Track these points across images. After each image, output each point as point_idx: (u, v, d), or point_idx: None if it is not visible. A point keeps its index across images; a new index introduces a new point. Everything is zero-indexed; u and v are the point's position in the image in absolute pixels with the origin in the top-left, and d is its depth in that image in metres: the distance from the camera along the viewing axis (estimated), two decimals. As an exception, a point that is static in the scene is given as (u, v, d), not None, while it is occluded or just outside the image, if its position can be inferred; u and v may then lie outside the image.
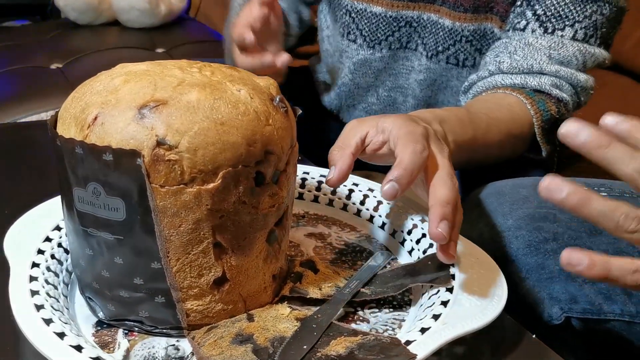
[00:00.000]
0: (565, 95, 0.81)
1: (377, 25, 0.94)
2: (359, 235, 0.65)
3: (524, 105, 0.79)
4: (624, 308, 0.59)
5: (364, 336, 0.47)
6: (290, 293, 0.53)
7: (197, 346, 0.47)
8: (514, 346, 0.52)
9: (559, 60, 0.81)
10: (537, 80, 0.80)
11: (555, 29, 0.81)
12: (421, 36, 0.93)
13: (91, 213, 0.46)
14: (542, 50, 0.80)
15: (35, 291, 0.49)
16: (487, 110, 0.77)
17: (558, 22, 0.81)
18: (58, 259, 0.55)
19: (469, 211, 0.63)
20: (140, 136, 0.44)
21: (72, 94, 0.50)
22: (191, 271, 0.48)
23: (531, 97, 0.80)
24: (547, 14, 0.81)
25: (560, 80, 0.81)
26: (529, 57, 0.81)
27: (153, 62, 0.52)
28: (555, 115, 0.80)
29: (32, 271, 0.51)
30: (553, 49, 0.80)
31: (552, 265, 0.61)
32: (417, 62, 0.96)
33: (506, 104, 0.80)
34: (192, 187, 0.45)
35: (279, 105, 0.50)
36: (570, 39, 0.81)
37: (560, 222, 0.64)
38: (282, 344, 0.46)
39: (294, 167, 0.54)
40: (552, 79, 0.80)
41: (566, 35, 0.81)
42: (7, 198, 0.71)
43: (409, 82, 0.98)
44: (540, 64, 0.80)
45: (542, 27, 0.81)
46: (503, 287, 0.52)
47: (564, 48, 0.80)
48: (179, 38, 1.87)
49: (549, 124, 0.80)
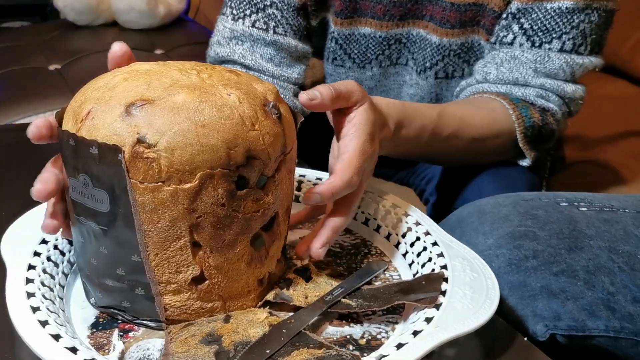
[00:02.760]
0: (551, 105, 0.81)
1: (366, 47, 0.93)
2: (354, 238, 0.66)
3: (506, 110, 0.80)
4: (608, 324, 0.58)
5: (327, 350, 0.46)
6: (274, 299, 0.54)
7: (169, 341, 0.48)
8: (506, 348, 0.52)
9: (545, 74, 0.80)
10: (522, 91, 0.81)
11: (542, 42, 0.80)
12: (411, 51, 0.92)
13: (81, 202, 0.49)
14: (527, 64, 0.81)
15: (32, 293, 0.49)
16: (462, 114, 0.78)
17: (545, 35, 0.80)
18: (54, 261, 0.55)
19: (451, 231, 0.63)
20: (123, 132, 0.46)
21: (81, 88, 0.52)
22: (169, 267, 0.49)
23: (514, 103, 0.80)
24: (533, 28, 0.80)
25: (547, 92, 0.81)
26: (514, 70, 0.81)
27: (159, 62, 0.53)
28: (538, 122, 0.80)
29: (28, 273, 0.52)
30: (539, 63, 0.80)
31: (533, 282, 0.61)
32: (408, 76, 0.95)
33: (488, 108, 0.81)
34: (169, 186, 0.46)
35: (271, 111, 0.50)
36: (557, 51, 0.80)
37: (540, 239, 0.64)
38: (244, 349, 0.47)
39: (289, 173, 0.54)
40: (537, 91, 0.81)
41: (554, 47, 0.80)
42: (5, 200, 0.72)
43: (401, 97, 0.97)
44: (525, 77, 0.81)
45: (529, 41, 0.81)
46: (495, 290, 0.52)
47: (550, 61, 0.80)
48: (178, 39, 1.88)
49: (533, 132, 0.81)
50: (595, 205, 0.70)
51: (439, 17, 0.88)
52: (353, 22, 0.92)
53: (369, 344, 0.51)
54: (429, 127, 0.72)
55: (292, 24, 0.88)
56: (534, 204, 0.70)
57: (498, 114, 0.80)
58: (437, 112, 0.75)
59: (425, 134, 0.72)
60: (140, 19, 1.86)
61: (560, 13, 0.79)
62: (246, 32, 0.87)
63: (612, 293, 0.60)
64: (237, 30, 0.87)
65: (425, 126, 0.72)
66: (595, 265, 0.62)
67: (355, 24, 0.92)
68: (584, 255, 0.62)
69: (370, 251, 0.63)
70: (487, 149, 0.81)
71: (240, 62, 0.87)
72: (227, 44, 0.88)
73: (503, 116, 0.80)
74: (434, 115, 0.74)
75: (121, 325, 0.52)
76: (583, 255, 0.62)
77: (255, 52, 0.87)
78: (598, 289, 0.60)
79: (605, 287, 0.60)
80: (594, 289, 0.60)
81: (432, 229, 0.61)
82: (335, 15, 0.92)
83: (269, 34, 0.87)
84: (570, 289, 0.60)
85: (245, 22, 0.87)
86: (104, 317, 0.52)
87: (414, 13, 0.90)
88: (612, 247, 0.63)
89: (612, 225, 0.66)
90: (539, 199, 0.71)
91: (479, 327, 0.48)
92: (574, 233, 0.65)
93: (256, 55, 0.87)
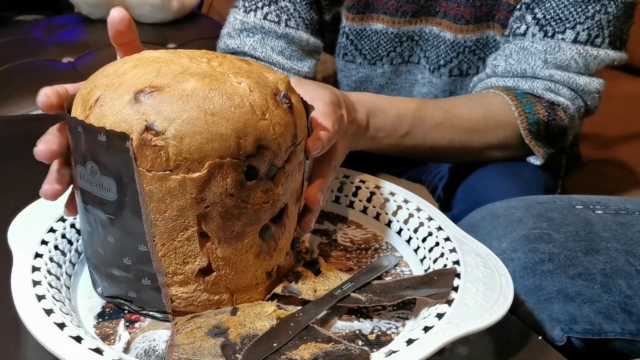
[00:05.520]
0: (561, 98, 0.79)
1: (377, 43, 0.91)
2: (365, 232, 0.65)
3: (508, 105, 0.78)
4: (624, 327, 0.57)
5: (335, 344, 0.45)
6: (282, 292, 0.53)
7: (174, 332, 0.47)
8: (520, 348, 0.51)
9: (555, 64, 0.78)
10: (529, 84, 0.79)
11: (555, 32, 0.78)
12: (423, 49, 0.91)
13: (89, 191, 0.48)
14: (537, 54, 0.79)
15: (37, 281, 0.49)
16: (447, 105, 0.77)
17: (558, 25, 0.78)
18: (61, 250, 0.55)
19: None
20: (131, 120, 0.45)
21: (91, 76, 0.51)
22: (176, 257, 0.48)
23: (518, 99, 0.78)
24: (546, 17, 0.78)
25: (556, 84, 0.79)
26: (522, 62, 0.79)
27: (169, 50, 0.53)
28: (544, 118, 0.78)
29: (34, 261, 0.51)
30: (549, 53, 0.78)
31: (549, 286, 0.60)
32: (420, 75, 0.93)
33: (483, 101, 0.79)
34: (177, 175, 0.45)
35: (282, 101, 0.49)
36: (571, 42, 0.78)
37: (555, 242, 0.63)
38: (251, 342, 0.46)
39: (299, 165, 0.53)
40: (545, 83, 0.79)
41: (567, 38, 0.78)
42: (15, 189, 0.72)
43: (413, 95, 0.95)
44: (533, 69, 0.79)
45: (542, 31, 0.79)
46: (509, 287, 0.51)
47: (561, 52, 0.78)
48: (190, 34, 1.88)
49: (539, 127, 0.79)
50: (611, 208, 0.69)
51: (453, 13, 0.86)
52: (365, 18, 0.91)
53: (379, 339, 0.50)
54: (407, 116, 0.73)
55: (305, 18, 0.87)
56: (548, 206, 0.69)
57: (494, 107, 0.79)
58: (416, 104, 0.75)
59: (404, 125, 0.72)
60: (153, 12, 1.87)
61: (574, 2, 0.78)
62: (257, 25, 0.86)
63: (629, 296, 0.59)
64: (249, 22, 0.86)
65: (402, 115, 0.72)
66: (612, 268, 0.60)
67: (367, 20, 0.91)
68: (600, 258, 0.61)
69: (381, 246, 0.62)
70: (487, 143, 0.79)
71: (250, 54, 0.86)
72: (237, 35, 0.87)
73: (500, 109, 0.78)
74: (411, 105, 0.74)
75: (127, 316, 0.51)
76: (600, 258, 0.61)
77: (266, 44, 0.86)
78: (615, 292, 0.59)
79: (622, 290, 0.59)
80: (611, 292, 0.59)
81: (444, 224, 0.60)
82: (347, 10, 0.91)
83: (281, 27, 0.86)
84: (587, 292, 0.59)
85: (257, 14, 0.86)
86: (110, 307, 0.52)
87: (427, 10, 0.89)
88: (629, 250, 0.62)
89: (628, 228, 0.65)
90: (553, 201, 0.70)
91: (492, 324, 0.47)
92: (590, 236, 0.64)
93: (267, 47, 0.86)
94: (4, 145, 0.89)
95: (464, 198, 0.85)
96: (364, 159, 0.70)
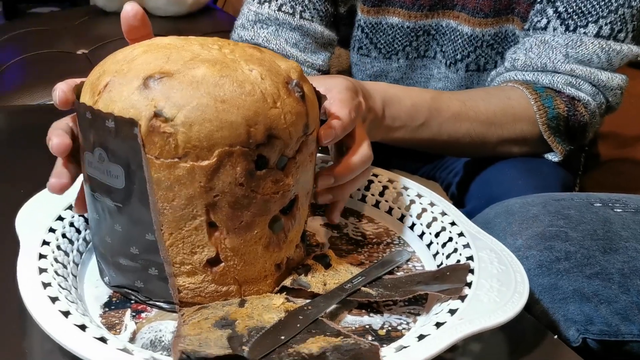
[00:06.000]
0: (582, 94, 0.76)
1: (393, 37, 0.90)
2: (377, 227, 0.63)
3: (527, 99, 0.76)
4: None
5: (345, 338, 0.44)
6: (292, 285, 0.52)
7: (181, 323, 0.46)
8: (534, 346, 0.50)
9: (576, 59, 0.76)
10: (550, 79, 0.77)
11: (577, 26, 0.76)
12: (440, 43, 0.89)
13: (97, 178, 0.47)
14: (558, 48, 0.76)
15: (44, 269, 0.48)
16: (464, 97, 0.76)
17: (580, 18, 0.76)
18: (69, 239, 0.54)
19: None
20: (140, 106, 0.44)
21: (101, 62, 0.51)
22: (184, 247, 0.47)
23: (537, 93, 0.76)
24: (568, 11, 0.76)
25: (577, 79, 0.76)
26: (543, 55, 0.77)
27: (180, 37, 0.52)
28: (563, 113, 0.76)
29: (41, 249, 0.50)
30: (570, 47, 0.76)
31: (565, 285, 0.58)
32: (436, 70, 0.92)
33: (502, 94, 0.78)
34: (186, 163, 0.44)
35: (294, 90, 0.48)
36: (593, 36, 0.75)
37: (572, 240, 0.61)
38: (259, 334, 0.45)
39: (310, 156, 0.52)
40: (566, 78, 0.76)
41: (589, 32, 0.76)
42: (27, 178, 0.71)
43: None
44: (554, 63, 0.76)
45: (563, 25, 0.77)
46: (524, 284, 0.50)
47: (583, 46, 0.76)
48: (205, 27, 1.87)
49: (558, 123, 0.77)
50: (631, 206, 0.67)
51: (472, 6, 0.85)
52: (380, 11, 0.89)
53: (389, 334, 0.49)
54: (423, 106, 0.71)
55: (319, 10, 0.86)
56: (565, 203, 0.67)
57: (512, 100, 0.77)
58: (432, 94, 0.73)
59: (420, 115, 0.71)
60: (168, 5, 1.86)
61: None
62: (272, 16, 0.85)
63: None
64: (263, 13, 0.85)
65: (417, 105, 0.70)
66: (630, 268, 0.59)
67: (383, 13, 0.89)
68: (619, 258, 0.60)
69: (393, 241, 0.61)
70: (504, 136, 0.78)
71: (264, 46, 0.85)
72: (251, 27, 0.86)
73: (519, 102, 0.76)
74: (426, 96, 0.72)
75: (134, 306, 0.50)
76: (618, 258, 0.60)
77: (280, 36, 0.85)
78: (633, 293, 0.57)
79: None
80: (629, 293, 0.57)
81: (458, 219, 0.58)
82: (362, 2, 0.89)
83: (295, 19, 0.85)
84: (604, 292, 0.57)
85: (272, 5, 0.85)
86: (117, 297, 0.51)
87: (444, 3, 0.87)
88: None
89: None
90: (571, 199, 0.69)
91: (506, 321, 0.46)
92: (608, 234, 0.62)
93: (281, 39, 0.85)
94: (19, 134, 0.89)
95: (478, 194, 0.83)
96: (376, 154, 0.69)
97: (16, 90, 1.46)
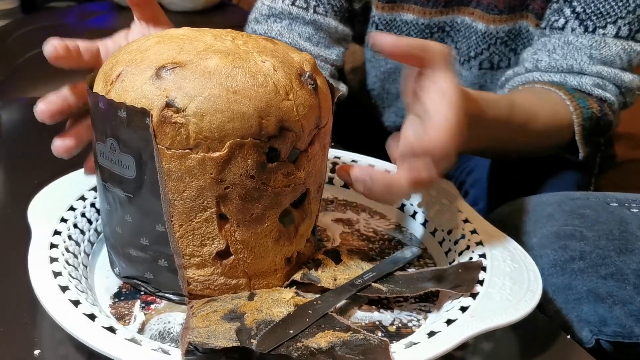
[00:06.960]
0: (609, 95, 0.75)
1: (407, 34, 0.88)
2: (389, 223, 0.63)
3: (564, 101, 0.75)
4: None
5: (354, 334, 0.44)
6: (301, 279, 0.51)
7: (190, 316, 0.46)
8: (547, 346, 0.49)
9: (601, 60, 0.75)
10: (578, 80, 0.75)
11: (596, 27, 0.75)
12: (454, 40, 0.88)
13: (108, 168, 0.47)
14: (582, 49, 0.75)
15: (55, 258, 0.48)
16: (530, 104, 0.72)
17: (599, 19, 0.75)
18: (80, 229, 0.54)
19: None
20: (152, 96, 0.44)
21: (114, 52, 0.51)
22: (194, 239, 0.47)
23: (571, 94, 0.75)
24: (586, 12, 0.75)
25: (603, 81, 0.75)
26: (568, 57, 0.75)
27: (194, 28, 0.51)
28: (597, 114, 0.74)
29: (53, 238, 0.51)
30: (595, 49, 0.75)
31: (579, 285, 0.57)
32: None
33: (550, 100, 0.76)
34: (197, 154, 0.44)
35: (307, 82, 0.48)
36: (613, 37, 0.74)
37: (587, 240, 0.60)
38: (267, 327, 0.45)
39: (322, 149, 0.51)
40: (593, 79, 0.75)
41: (608, 33, 0.74)
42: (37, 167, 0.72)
43: None
44: (580, 64, 0.75)
45: (582, 26, 0.75)
46: (537, 283, 0.49)
47: (607, 47, 0.75)
48: (220, 23, 1.86)
49: (591, 123, 0.76)
50: None
51: (487, 2, 0.84)
52: (395, 7, 0.89)
53: (399, 331, 0.48)
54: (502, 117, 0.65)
55: (334, 4, 0.86)
56: (581, 203, 0.66)
57: (559, 107, 0.73)
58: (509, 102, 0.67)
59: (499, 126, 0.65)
60: (183, 1, 1.87)
61: None
62: (285, 10, 0.84)
63: None
64: (276, 7, 0.85)
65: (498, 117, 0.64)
66: None
67: (398, 9, 0.89)
68: (634, 258, 0.59)
69: (404, 237, 0.61)
70: (546, 146, 0.75)
71: None
72: (264, 21, 0.86)
73: (564, 110, 0.73)
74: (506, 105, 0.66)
75: (143, 297, 0.50)
76: (634, 258, 0.59)
77: (294, 30, 0.85)
78: None
79: None
80: None
81: (471, 216, 0.58)
82: None
83: (309, 13, 0.84)
84: (619, 293, 0.56)
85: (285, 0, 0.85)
86: (127, 288, 0.51)
87: None
88: None
89: None
90: (587, 198, 0.67)
91: (518, 320, 0.45)
92: (624, 235, 0.61)
93: (294, 33, 0.84)
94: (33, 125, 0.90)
95: (491, 192, 0.82)
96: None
97: (32, 83, 1.47)
